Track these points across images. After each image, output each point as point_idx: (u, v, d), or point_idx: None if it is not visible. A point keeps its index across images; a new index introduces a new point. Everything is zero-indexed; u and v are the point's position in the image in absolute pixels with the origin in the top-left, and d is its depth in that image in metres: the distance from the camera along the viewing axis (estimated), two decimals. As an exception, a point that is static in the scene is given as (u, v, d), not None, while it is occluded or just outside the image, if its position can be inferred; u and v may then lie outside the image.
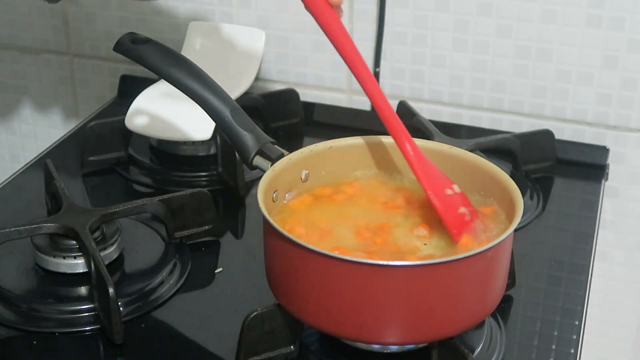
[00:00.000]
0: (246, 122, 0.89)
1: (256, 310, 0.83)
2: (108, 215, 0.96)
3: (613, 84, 1.20)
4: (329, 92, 1.32)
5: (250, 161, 0.88)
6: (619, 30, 1.17)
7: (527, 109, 1.25)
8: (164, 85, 1.04)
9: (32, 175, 1.15)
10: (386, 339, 0.80)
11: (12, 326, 0.89)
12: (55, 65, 1.45)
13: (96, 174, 1.17)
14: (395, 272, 0.76)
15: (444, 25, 1.23)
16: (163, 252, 0.99)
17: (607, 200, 1.23)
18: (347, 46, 0.87)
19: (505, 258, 0.83)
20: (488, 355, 0.87)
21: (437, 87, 1.27)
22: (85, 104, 1.46)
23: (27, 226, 0.93)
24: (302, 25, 1.29)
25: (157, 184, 1.15)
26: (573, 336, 0.91)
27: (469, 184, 0.91)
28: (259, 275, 0.89)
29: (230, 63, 1.26)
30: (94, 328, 0.89)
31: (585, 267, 1.01)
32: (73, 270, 0.94)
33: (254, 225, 1.07)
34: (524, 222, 1.08)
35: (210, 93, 0.88)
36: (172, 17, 1.35)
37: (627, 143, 1.22)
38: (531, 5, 1.19)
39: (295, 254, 0.78)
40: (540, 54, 1.21)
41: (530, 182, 1.16)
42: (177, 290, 0.95)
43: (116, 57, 1.21)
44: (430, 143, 0.94)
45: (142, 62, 0.90)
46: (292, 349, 0.85)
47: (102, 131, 1.17)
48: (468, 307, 0.80)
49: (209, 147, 1.19)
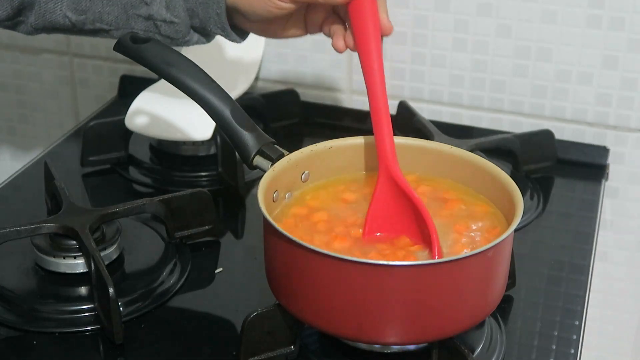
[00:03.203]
0: (246, 122, 0.89)
1: (256, 310, 0.83)
2: (108, 215, 0.96)
3: (613, 84, 1.20)
4: (329, 92, 1.32)
5: (250, 161, 0.88)
6: (619, 30, 1.17)
7: (527, 109, 1.25)
8: (164, 85, 1.04)
9: (32, 175, 1.15)
10: (386, 339, 0.80)
11: (12, 326, 0.89)
12: (55, 65, 1.45)
13: (96, 174, 1.17)
14: (395, 272, 0.76)
15: (444, 25, 1.23)
16: (163, 252, 0.99)
17: (607, 200, 1.23)
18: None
19: (505, 258, 0.83)
20: (488, 355, 0.87)
21: (437, 87, 1.27)
22: (85, 104, 1.46)
23: (27, 226, 0.93)
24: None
25: (157, 184, 1.15)
26: (573, 336, 0.91)
27: (469, 184, 0.91)
28: (259, 275, 0.89)
29: (230, 63, 1.26)
30: (94, 328, 0.89)
31: (585, 267, 1.01)
32: (73, 270, 0.94)
33: (254, 225, 1.07)
34: (524, 222, 1.08)
35: (210, 93, 0.88)
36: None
37: (627, 143, 1.22)
38: (531, 5, 1.19)
39: (295, 254, 0.78)
40: (540, 54, 1.21)
41: (530, 182, 1.16)
42: (177, 290, 0.95)
43: (116, 57, 1.21)
44: (430, 143, 0.94)
45: (142, 62, 0.90)
46: (292, 349, 0.85)
47: (102, 131, 1.17)
48: (468, 307, 0.80)
49: (209, 147, 1.19)
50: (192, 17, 0.87)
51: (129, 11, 0.87)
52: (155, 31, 0.88)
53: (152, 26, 0.88)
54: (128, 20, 0.88)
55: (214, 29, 0.88)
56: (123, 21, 0.89)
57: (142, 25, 0.88)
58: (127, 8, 0.87)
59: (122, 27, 0.90)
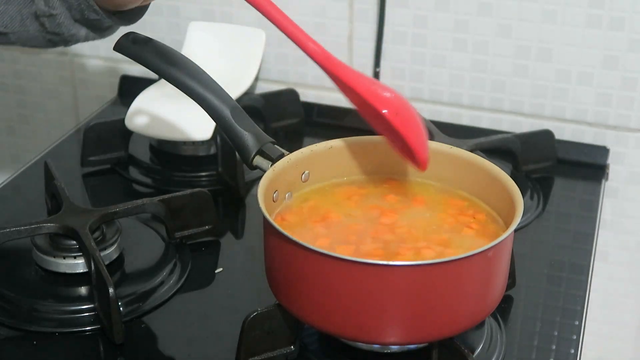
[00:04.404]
0: (246, 122, 0.89)
1: (256, 310, 0.83)
2: (108, 215, 0.96)
3: (613, 84, 1.20)
4: (329, 92, 1.32)
5: (251, 161, 0.88)
6: (619, 30, 1.17)
7: (527, 109, 1.25)
8: (164, 85, 1.04)
9: (32, 175, 1.15)
10: (386, 339, 0.80)
11: (12, 326, 0.89)
12: (55, 65, 1.45)
13: (96, 174, 1.17)
14: (395, 272, 0.76)
15: (444, 25, 1.23)
16: (163, 252, 0.99)
17: (607, 200, 1.23)
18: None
19: (505, 258, 0.83)
20: (488, 355, 0.87)
21: (437, 87, 1.27)
22: (85, 104, 1.46)
23: (27, 226, 0.93)
24: (302, 25, 1.28)
25: (157, 184, 1.15)
26: (573, 336, 0.91)
27: (469, 184, 0.91)
28: (259, 275, 0.89)
29: (230, 63, 1.26)
30: (94, 328, 0.89)
31: (585, 267, 1.01)
32: (73, 270, 0.94)
33: (254, 225, 1.07)
34: (524, 222, 1.08)
35: (210, 93, 0.88)
36: (172, 17, 1.35)
37: (627, 143, 1.22)
38: (531, 5, 1.19)
39: (295, 254, 0.78)
40: (540, 54, 1.21)
41: (530, 182, 1.16)
42: (177, 290, 0.95)
43: (116, 57, 1.21)
44: (430, 143, 0.94)
45: (142, 62, 0.90)
46: (292, 349, 0.85)
47: (102, 131, 1.17)
48: (468, 307, 0.80)
49: (209, 147, 1.19)
50: (70, 8, 0.86)
51: (23, 10, 0.86)
52: (43, 30, 0.88)
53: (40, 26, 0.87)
54: (23, 21, 0.87)
55: (88, 13, 0.87)
56: (18, 22, 0.88)
57: (35, 25, 0.87)
58: (21, 7, 0.86)
59: (18, 29, 0.89)
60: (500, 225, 0.87)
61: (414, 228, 0.86)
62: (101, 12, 0.86)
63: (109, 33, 0.93)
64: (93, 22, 0.87)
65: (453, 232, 0.86)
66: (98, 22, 0.87)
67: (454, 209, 0.89)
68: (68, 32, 0.87)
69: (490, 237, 0.85)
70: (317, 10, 1.28)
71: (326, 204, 0.90)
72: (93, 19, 0.87)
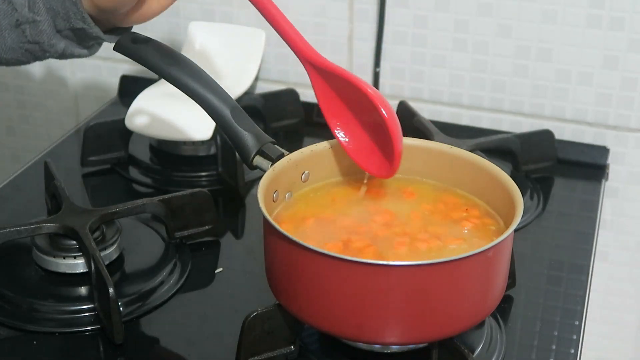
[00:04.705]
0: (246, 122, 0.89)
1: (256, 310, 0.83)
2: (108, 215, 0.96)
3: (613, 84, 1.20)
4: (329, 92, 1.32)
5: (251, 161, 0.88)
6: (619, 30, 1.17)
7: (527, 109, 1.25)
8: (164, 85, 1.04)
9: (32, 175, 1.15)
10: (386, 339, 0.80)
11: (12, 326, 0.89)
12: (55, 65, 1.45)
13: (96, 174, 1.17)
14: (395, 272, 0.76)
15: (444, 25, 1.23)
16: (163, 252, 0.99)
17: (607, 200, 1.23)
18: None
19: (505, 258, 0.83)
20: (488, 355, 0.87)
21: (437, 87, 1.27)
22: (85, 104, 1.46)
23: (27, 226, 0.93)
24: (302, 24, 1.28)
25: (157, 184, 1.15)
26: (573, 336, 0.91)
27: (469, 184, 0.91)
28: (259, 275, 0.89)
29: (230, 63, 1.26)
30: (94, 328, 0.89)
31: (585, 267, 1.01)
32: (73, 270, 0.94)
33: (254, 225, 1.07)
34: (524, 222, 1.08)
35: (210, 93, 0.88)
36: (172, 17, 1.35)
37: (627, 143, 1.22)
38: (531, 5, 1.19)
39: (295, 254, 0.78)
40: (540, 54, 1.21)
41: (530, 182, 1.16)
42: (177, 290, 0.95)
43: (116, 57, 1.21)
44: (430, 143, 0.94)
45: (142, 62, 0.90)
46: (292, 349, 0.85)
47: (102, 131, 1.17)
48: (468, 307, 0.80)
49: (209, 147, 1.19)
50: (54, 17, 0.85)
51: (2, 21, 0.86)
52: (23, 40, 0.87)
53: (20, 34, 0.87)
54: (1, 32, 0.86)
55: (75, 21, 0.86)
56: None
57: (13, 35, 0.87)
58: (1, 18, 0.86)
59: None
60: (496, 218, 0.87)
61: (409, 226, 0.86)
62: (89, 20, 0.85)
63: (90, 48, 0.91)
64: (77, 31, 0.86)
65: (448, 226, 0.86)
66: (83, 32, 0.86)
67: (449, 206, 0.89)
68: (48, 41, 0.86)
69: (485, 232, 0.85)
70: (317, 10, 1.28)
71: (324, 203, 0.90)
72: (78, 28, 0.86)
